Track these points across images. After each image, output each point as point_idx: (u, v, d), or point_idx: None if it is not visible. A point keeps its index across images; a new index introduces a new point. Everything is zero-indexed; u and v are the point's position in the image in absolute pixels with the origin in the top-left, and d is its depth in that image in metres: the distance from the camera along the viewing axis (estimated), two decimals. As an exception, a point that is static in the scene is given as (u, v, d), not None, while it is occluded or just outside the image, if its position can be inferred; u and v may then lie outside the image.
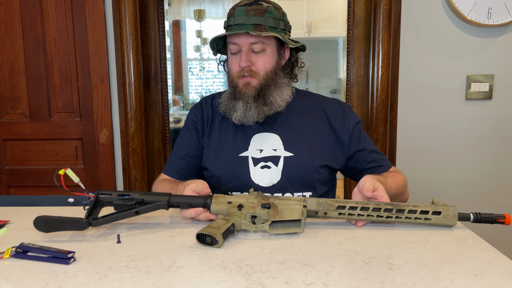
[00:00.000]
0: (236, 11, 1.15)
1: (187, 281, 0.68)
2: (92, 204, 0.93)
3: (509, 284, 0.66)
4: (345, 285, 0.66)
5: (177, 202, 0.95)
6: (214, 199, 0.94)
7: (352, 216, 0.93)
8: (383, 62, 1.88)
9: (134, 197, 0.94)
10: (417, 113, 1.95)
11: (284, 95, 1.20)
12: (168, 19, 2.17)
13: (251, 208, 0.92)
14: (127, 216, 0.93)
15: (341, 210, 0.92)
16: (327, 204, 0.92)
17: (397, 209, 0.92)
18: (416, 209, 0.92)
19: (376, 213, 0.91)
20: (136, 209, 0.93)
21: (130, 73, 1.92)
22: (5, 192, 2.07)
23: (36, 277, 0.70)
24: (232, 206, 0.93)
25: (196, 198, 0.97)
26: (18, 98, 2.01)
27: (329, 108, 1.25)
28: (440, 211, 0.92)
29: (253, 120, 1.17)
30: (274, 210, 0.91)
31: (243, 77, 1.17)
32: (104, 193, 0.95)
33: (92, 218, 0.90)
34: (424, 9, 1.89)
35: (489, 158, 1.96)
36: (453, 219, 0.92)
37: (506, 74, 1.91)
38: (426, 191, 1.97)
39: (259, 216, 0.92)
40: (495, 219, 0.92)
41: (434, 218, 0.92)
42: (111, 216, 0.92)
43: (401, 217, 0.91)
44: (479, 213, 0.93)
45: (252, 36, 1.13)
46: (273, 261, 0.75)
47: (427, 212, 0.92)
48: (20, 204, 1.22)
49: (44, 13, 1.96)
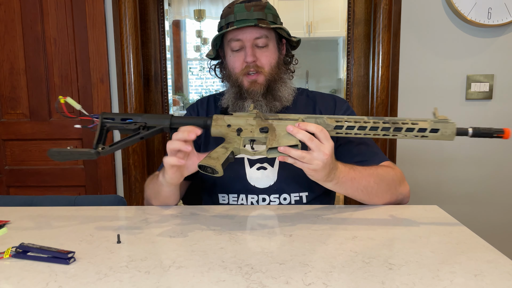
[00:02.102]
0: (236, 8, 1.13)
1: (187, 281, 0.68)
2: (98, 130, 0.96)
3: (509, 284, 0.66)
4: (345, 285, 0.66)
5: (179, 123, 0.98)
6: (214, 122, 0.95)
7: (349, 135, 0.92)
8: (383, 62, 1.88)
9: (137, 121, 0.97)
10: (417, 113, 1.94)
11: (290, 90, 1.20)
12: (168, 19, 2.17)
13: (249, 133, 0.92)
14: (132, 142, 0.96)
15: (338, 130, 0.92)
16: (325, 124, 0.91)
17: (394, 127, 0.90)
18: (414, 127, 0.89)
19: (373, 132, 0.91)
20: (141, 134, 0.95)
21: (130, 73, 1.92)
22: (5, 192, 2.07)
23: (36, 277, 0.70)
24: (231, 130, 0.93)
25: (196, 119, 0.98)
26: (18, 98, 2.02)
27: (321, 103, 1.24)
28: (439, 129, 0.89)
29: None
30: (272, 134, 0.91)
31: (248, 75, 1.15)
32: (107, 117, 0.98)
33: (100, 148, 0.94)
34: (424, 9, 1.89)
35: (489, 158, 1.96)
36: (451, 135, 0.89)
37: (506, 74, 1.91)
38: (426, 191, 1.97)
39: (258, 140, 0.92)
40: (494, 132, 0.89)
41: (432, 135, 0.90)
42: (118, 144, 0.95)
43: (397, 134, 0.90)
44: (478, 128, 0.90)
45: (256, 30, 1.12)
46: (273, 261, 0.75)
47: (425, 129, 0.90)
48: (20, 204, 1.22)
49: (44, 13, 1.96)
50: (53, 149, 0.94)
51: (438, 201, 1.88)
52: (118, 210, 1.12)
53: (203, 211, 1.06)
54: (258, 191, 1.17)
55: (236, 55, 1.16)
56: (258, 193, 1.17)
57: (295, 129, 0.89)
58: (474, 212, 1.99)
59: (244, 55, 1.15)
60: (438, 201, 1.89)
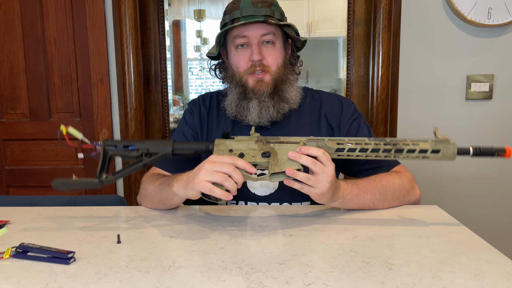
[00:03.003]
0: (242, 3, 1.09)
1: (187, 281, 0.68)
2: (101, 158, 0.95)
3: (509, 284, 0.66)
4: (345, 285, 0.66)
5: (181, 149, 0.96)
6: (216, 147, 0.94)
7: (350, 157, 0.91)
8: (383, 62, 1.88)
9: (139, 147, 0.95)
10: (417, 113, 1.95)
11: (297, 91, 1.16)
12: (168, 19, 2.17)
13: (251, 157, 0.92)
14: (135, 170, 0.95)
15: (340, 153, 0.91)
16: (326, 147, 0.91)
17: (396, 149, 0.89)
18: (415, 148, 0.89)
19: (374, 153, 0.90)
20: (143, 161, 0.94)
21: (130, 73, 1.92)
22: (5, 192, 2.07)
23: (36, 277, 0.70)
24: (233, 155, 0.92)
25: (198, 144, 0.96)
26: (18, 98, 2.02)
27: (326, 106, 1.19)
28: (439, 149, 0.89)
29: (271, 119, 1.11)
30: (274, 159, 0.90)
31: (253, 73, 1.10)
32: (110, 145, 0.96)
33: (104, 177, 0.93)
34: (424, 9, 1.89)
35: (489, 158, 1.96)
36: (452, 156, 0.90)
37: (506, 74, 1.91)
38: (426, 191, 1.97)
39: (260, 164, 0.92)
40: (495, 152, 0.90)
41: (433, 156, 0.90)
42: (121, 173, 0.94)
43: (399, 156, 0.90)
44: (479, 147, 0.91)
45: (264, 27, 1.08)
46: (273, 261, 0.75)
47: (426, 150, 0.89)
48: (20, 204, 1.22)
49: (44, 13, 1.96)
50: (58, 180, 0.94)
51: (438, 201, 1.88)
52: (118, 210, 1.12)
53: (203, 211, 1.06)
54: (259, 199, 1.14)
55: (241, 53, 1.11)
56: (258, 201, 1.14)
57: (297, 155, 0.88)
58: (474, 212, 1.99)
59: (249, 53, 1.10)
60: (438, 201, 1.89)
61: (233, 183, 0.86)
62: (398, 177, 1.07)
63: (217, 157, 0.88)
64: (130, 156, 0.95)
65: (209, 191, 0.86)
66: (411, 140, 0.90)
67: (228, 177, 0.86)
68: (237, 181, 0.87)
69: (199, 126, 1.21)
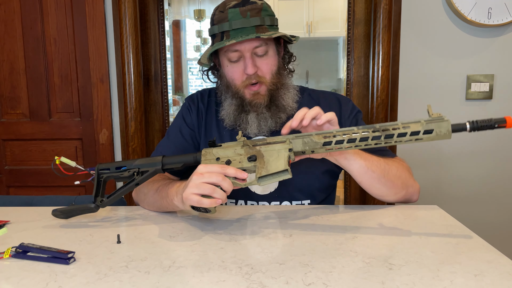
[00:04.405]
0: (230, 14, 1.05)
1: (187, 281, 0.68)
2: (96, 183, 0.99)
3: (509, 284, 0.66)
4: (345, 285, 0.66)
5: (170, 163, 0.97)
6: (203, 157, 0.94)
7: (340, 149, 0.88)
8: (383, 62, 1.88)
9: (130, 167, 0.99)
10: (417, 113, 1.94)
11: (293, 95, 1.15)
12: (168, 19, 2.17)
13: (238, 163, 0.91)
14: (129, 190, 0.97)
15: (328, 146, 0.87)
16: (313, 143, 0.88)
17: (385, 135, 0.84)
18: (406, 131, 0.84)
19: (363, 142, 0.86)
20: (136, 181, 0.97)
21: (130, 73, 1.92)
22: (5, 192, 2.07)
23: (36, 277, 0.70)
24: (220, 163, 0.92)
25: (186, 156, 0.97)
26: (18, 98, 2.02)
27: (324, 105, 1.17)
28: (433, 129, 0.84)
29: (270, 130, 1.11)
30: (260, 162, 0.89)
31: (249, 86, 1.10)
32: (103, 169, 1.00)
33: (99, 200, 0.98)
34: (424, 9, 1.89)
35: (489, 158, 1.96)
36: (447, 134, 0.83)
37: (506, 74, 1.91)
38: (426, 191, 1.97)
39: (247, 169, 0.91)
40: (495, 123, 0.81)
41: (426, 137, 0.84)
42: (115, 195, 0.98)
43: (390, 142, 0.85)
44: (476, 121, 0.83)
45: (256, 39, 1.05)
46: (273, 261, 0.75)
47: (418, 132, 0.84)
48: (20, 204, 1.22)
49: (44, 13, 1.96)
50: (57, 210, 0.99)
51: (438, 201, 1.88)
52: (118, 210, 1.12)
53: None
54: (258, 198, 1.14)
55: (234, 66, 1.10)
56: (258, 200, 1.14)
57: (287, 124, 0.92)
58: (474, 212, 1.99)
59: (243, 66, 1.08)
60: (438, 201, 1.89)
61: (222, 193, 0.85)
62: (397, 162, 1.08)
63: (205, 167, 0.87)
64: (123, 177, 0.99)
65: (197, 204, 0.86)
66: (402, 123, 0.85)
67: (216, 188, 0.85)
68: (226, 190, 0.86)
69: (197, 123, 1.21)
